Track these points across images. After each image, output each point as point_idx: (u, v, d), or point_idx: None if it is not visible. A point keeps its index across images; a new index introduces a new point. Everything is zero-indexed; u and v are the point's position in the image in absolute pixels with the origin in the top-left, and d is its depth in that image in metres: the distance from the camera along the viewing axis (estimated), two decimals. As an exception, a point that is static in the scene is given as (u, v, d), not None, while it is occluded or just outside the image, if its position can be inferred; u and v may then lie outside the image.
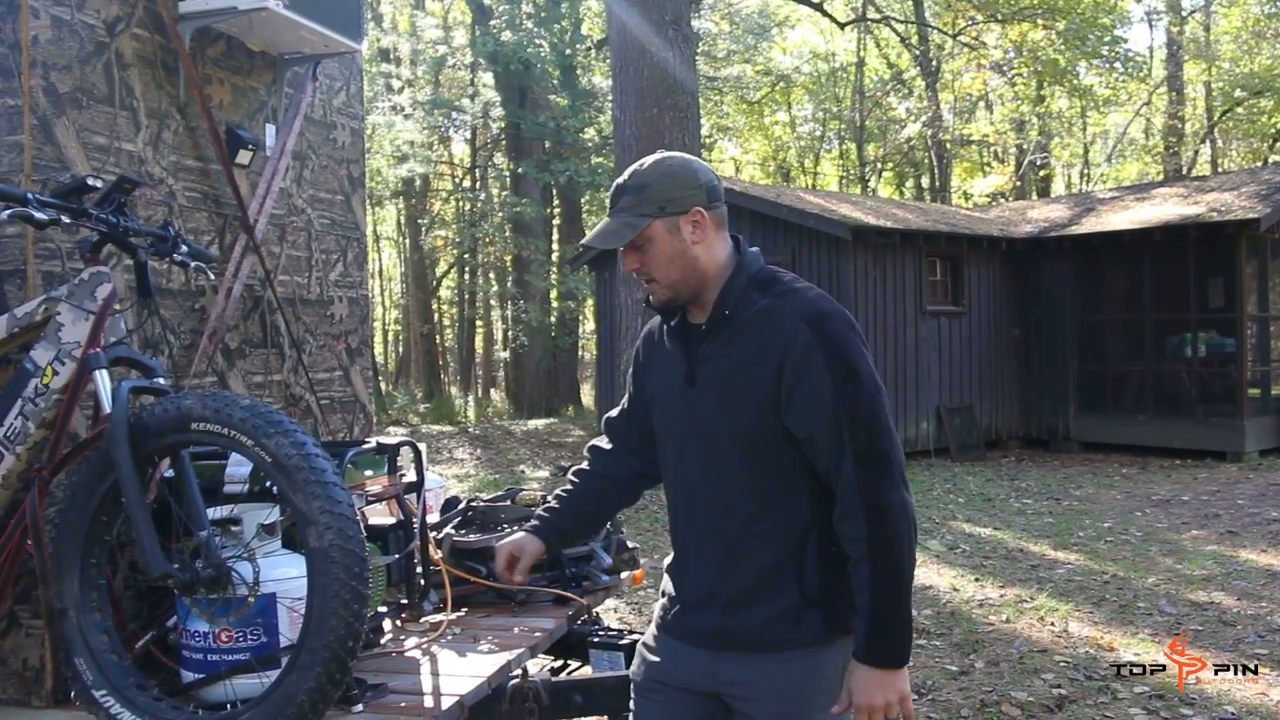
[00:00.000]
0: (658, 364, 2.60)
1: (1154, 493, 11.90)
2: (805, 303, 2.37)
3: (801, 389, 2.30)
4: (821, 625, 2.36)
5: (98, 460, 2.74)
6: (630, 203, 2.41)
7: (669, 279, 2.43)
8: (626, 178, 2.45)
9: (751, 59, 29.89)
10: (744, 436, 2.38)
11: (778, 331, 2.34)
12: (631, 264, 2.46)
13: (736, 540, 2.41)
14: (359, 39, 4.19)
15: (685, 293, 2.45)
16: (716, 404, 2.40)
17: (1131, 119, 30.62)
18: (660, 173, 2.43)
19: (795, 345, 2.30)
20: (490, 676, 3.05)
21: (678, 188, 2.41)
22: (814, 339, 2.30)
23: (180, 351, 3.57)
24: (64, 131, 3.16)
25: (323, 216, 4.46)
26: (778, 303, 2.38)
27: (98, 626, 2.77)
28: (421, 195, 30.32)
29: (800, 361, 2.29)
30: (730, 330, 2.40)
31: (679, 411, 2.50)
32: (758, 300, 2.40)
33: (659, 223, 2.40)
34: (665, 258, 2.41)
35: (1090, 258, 15.90)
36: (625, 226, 2.41)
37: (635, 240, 2.41)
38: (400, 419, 23.86)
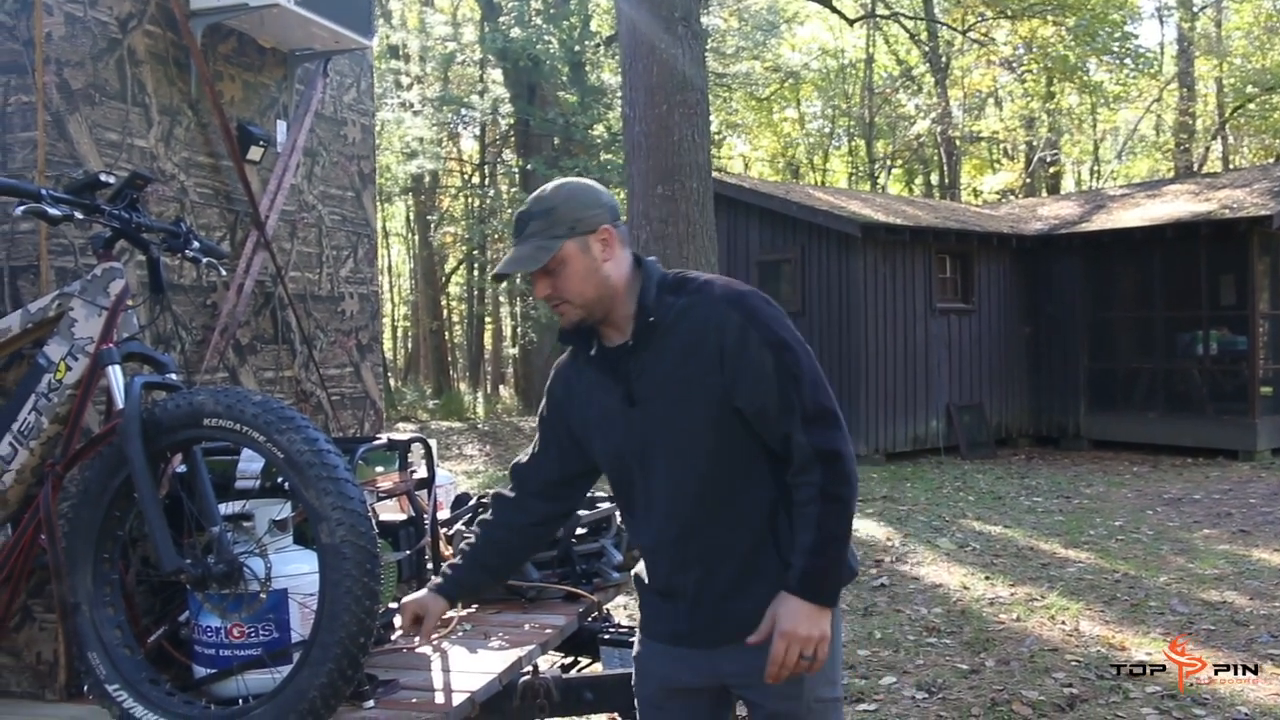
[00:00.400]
0: (582, 399, 2.59)
1: (1165, 491, 11.87)
2: (723, 289, 2.44)
3: (745, 368, 2.36)
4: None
5: (110, 455, 2.75)
6: (540, 227, 2.42)
7: (583, 298, 2.45)
8: (530, 205, 2.47)
9: (760, 55, 29.85)
10: (702, 430, 2.42)
11: (708, 322, 2.39)
12: (544, 289, 2.46)
13: (714, 533, 2.46)
14: (369, 35, 4.19)
15: (598, 312, 2.47)
16: (666, 410, 2.44)
17: (1142, 115, 30.51)
18: (565, 195, 2.46)
19: (729, 329, 2.37)
20: (501, 673, 3.05)
21: (584, 207, 2.44)
22: (744, 319, 2.37)
23: (192, 347, 3.58)
24: (77, 128, 3.17)
25: (333, 213, 4.46)
26: (696, 298, 2.44)
27: (110, 621, 2.78)
28: (431, 191, 30.34)
29: (738, 343, 2.36)
30: (658, 337, 2.44)
31: (624, 432, 2.51)
32: (674, 302, 2.45)
33: (571, 243, 2.41)
34: (579, 277, 2.43)
35: (1101, 255, 15.86)
36: (539, 250, 2.41)
37: (548, 264, 2.41)
38: (409, 415, 23.89)
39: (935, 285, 15.47)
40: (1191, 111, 29.16)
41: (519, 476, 2.77)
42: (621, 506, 2.68)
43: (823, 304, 14.87)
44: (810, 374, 2.37)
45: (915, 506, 11.23)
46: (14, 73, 3.12)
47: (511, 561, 2.83)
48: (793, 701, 2.45)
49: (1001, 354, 16.33)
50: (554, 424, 2.68)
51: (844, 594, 2.54)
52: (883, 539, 9.54)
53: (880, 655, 6.12)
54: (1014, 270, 16.53)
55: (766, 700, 2.49)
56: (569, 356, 2.65)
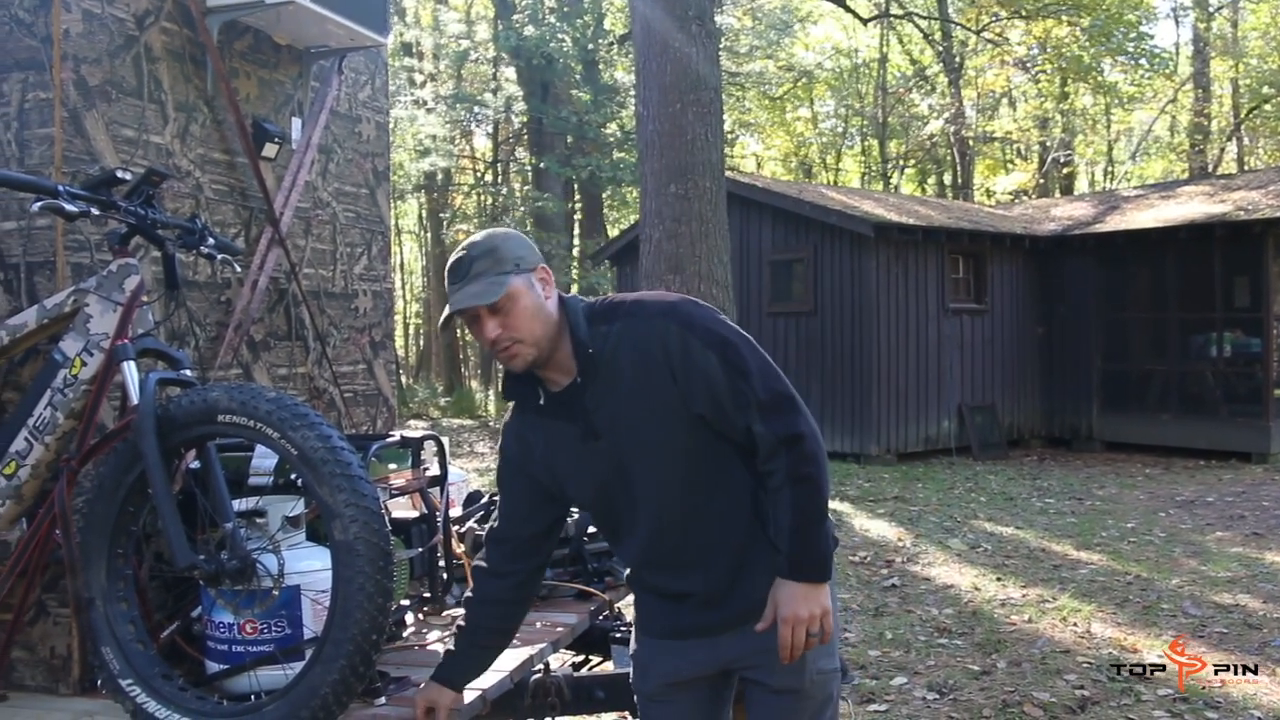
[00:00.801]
0: (542, 449, 2.58)
1: (1178, 493, 11.83)
2: (654, 305, 2.47)
3: (694, 374, 2.40)
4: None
5: (125, 451, 2.76)
6: (485, 266, 2.40)
7: (533, 335, 2.43)
8: (468, 249, 2.45)
9: (774, 55, 29.81)
10: (673, 443, 2.46)
11: (650, 339, 2.42)
12: (493, 330, 2.41)
13: (706, 534, 2.52)
14: (384, 32, 4.20)
15: (546, 348, 2.46)
16: (633, 434, 2.46)
17: (1157, 116, 30.40)
18: (501, 237, 2.47)
19: (670, 342, 2.40)
20: (512, 671, 3.05)
21: (521, 248, 2.47)
22: (681, 328, 2.40)
23: (206, 344, 3.59)
24: (93, 124, 3.18)
25: (347, 210, 4.47)
26: (629, 320, 2.46)
27: (124, 616, 2.78)
28: (443, 189, 30.36)
29: (682, 352, 2.39)
30: (603, 368, 2.45)
31: (595, 468, 2.52)
32: (609, 330, 2.47)
33: (518, 279, 2.41)
34: (529, 313, 2.42)
35: (1114, 256, 15.81)
36: (491, 285, 2.38)
37: (498, 302, 2.38)
38: (421, 412, 23.93)
39: (948, 285, 15.44)
40: (1207, 112, 29.04)
41: (498, 543, 2.71)
42: (608, 535, 2.71)
43: (835, 304, 14.84)
44: (757, 364, 2.41)
45: (927, 507, 11.22)
46: (31, 69, 3.13)
47: (509, 632, 2.78)
48: (795, 675, 2.51)
49: (1014, 355, 16.29)
50: (517, 481, 2.66)
51: (854, 594, 2.56)
52: (894, 539, 9.53)
53: (891, 656, 6.11)
54: (1027, 271, 16.49)
55: (770, 678, 2.54)
56: (515, 412, 2.63)
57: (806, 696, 2.54)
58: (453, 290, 2.42)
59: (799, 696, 2.54)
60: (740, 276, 14.72)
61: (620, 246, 18.06)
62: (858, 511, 10.99)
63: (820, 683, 2.56)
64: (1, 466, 2.94)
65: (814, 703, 2.57)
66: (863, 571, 8.26)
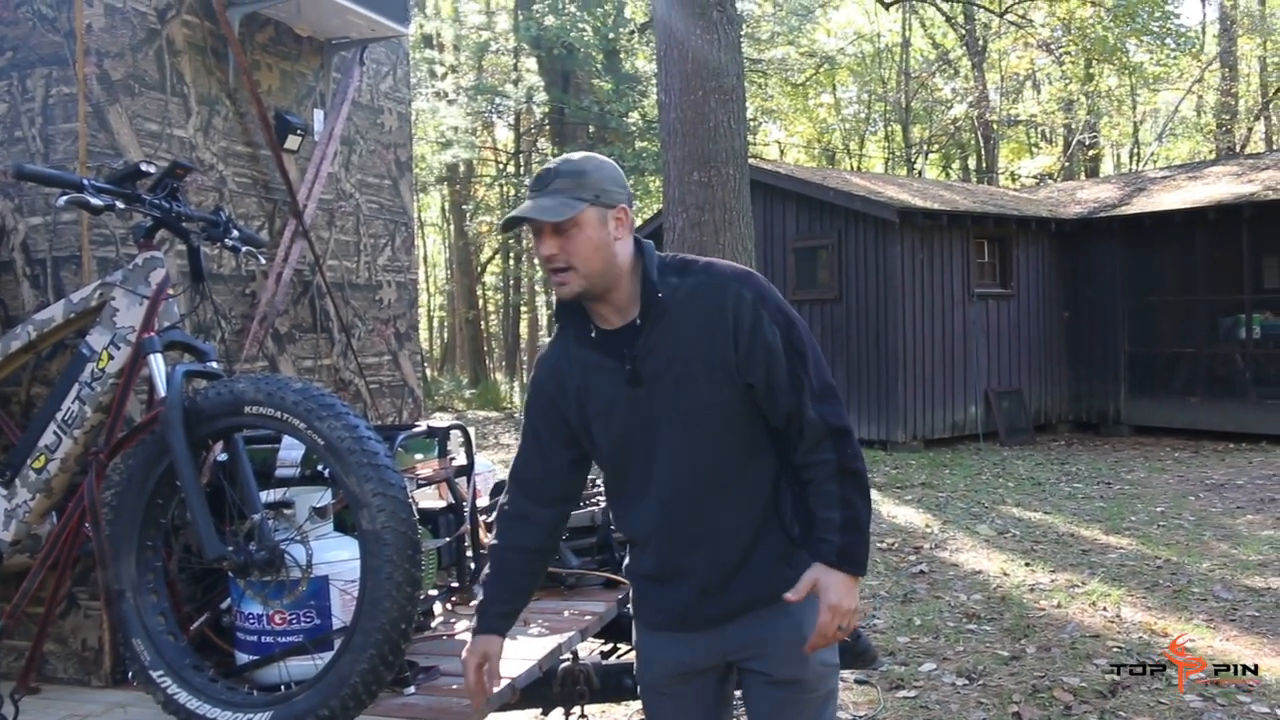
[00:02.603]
0: (578, 386, 2.52)
1: (1207, 477, 11.74)
2: (730, 270, 2.47)
3: (758, 345, 2.38)
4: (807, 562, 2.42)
5: (153, 443, 2.77)
6: (565, 185, 2.38)
7: (589, 269, 2.40)
8: (558, 164, 2.44)
9: (796, 41, 29.68)
10: (711, 407, 2.42)
11: (723, 300, 2.40)
12: (550, 248, 2.40)
13: (719, 512, 2.47)
14: (406, 23, 4.20)
15: (599, 286, 2.43)
16: (675, 388, 2.41)
17: (1183, 96, 30.09)
18: (595, 165, 2.45)
19: (743, 308, 2.39)
20: (541, 659, 3.05)
21: (610, 182, 2.43)
22: (755, 297, 2.40)
23: (232, 336, 3.60)
24: (117, 118, 3.19)
25: (371, 201, 4.47)
26: (704, 278, 2.45)
27: (154, 608, 2.80)
28: (465, 181, 30.42)
29: (752, 321, 2.38)
30: (667, 316, 2.41)
31: (628, 414, 2.47)
32: (679, 283, 2.44)
33: (592, 210, 2.38)
34: (591, 246, 2.39)
35: (1141, 238, 15.68)
36: (562, 205, 2.36)
37: (563, 224, 2.37)
38: (446, 405, 23.99)
39: (973, 270, 15.36)
40: (1234, 92, 28.75)
41: (520, 483, 2.64)
42: (613, 493, 2.63)
43: (860, 290, 14.79)
44: (814, 352, 2.43)
45: (954, 493, 11.17)
46: (55, 64, 3.15)
47: (537, 575, 2.73)
48: (800, 666, 2.48)
49: (1040, 339, 16.19)
50: (546, 415, 2.59)
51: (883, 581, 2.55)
52: (921, 525, 9.50)
53: (920, 642, 6.09)
54: (1053, 254, 16.38)
55: (774, 668, 2.50)
56: (556, 344, 2.59)
57: (809, 689, 2.51)
58: (529, 197, 2.43)
59: (802, 688, 2.50)
60: (764, 263, 14.68)
61: (644, 235, 18.03)
62: (885, 498, 10.95)
63: (824, 675, 2.53)
64: (31, 460, 2.96)
65: (816, 696, 2.53)
66: (891, 558, 8.24)
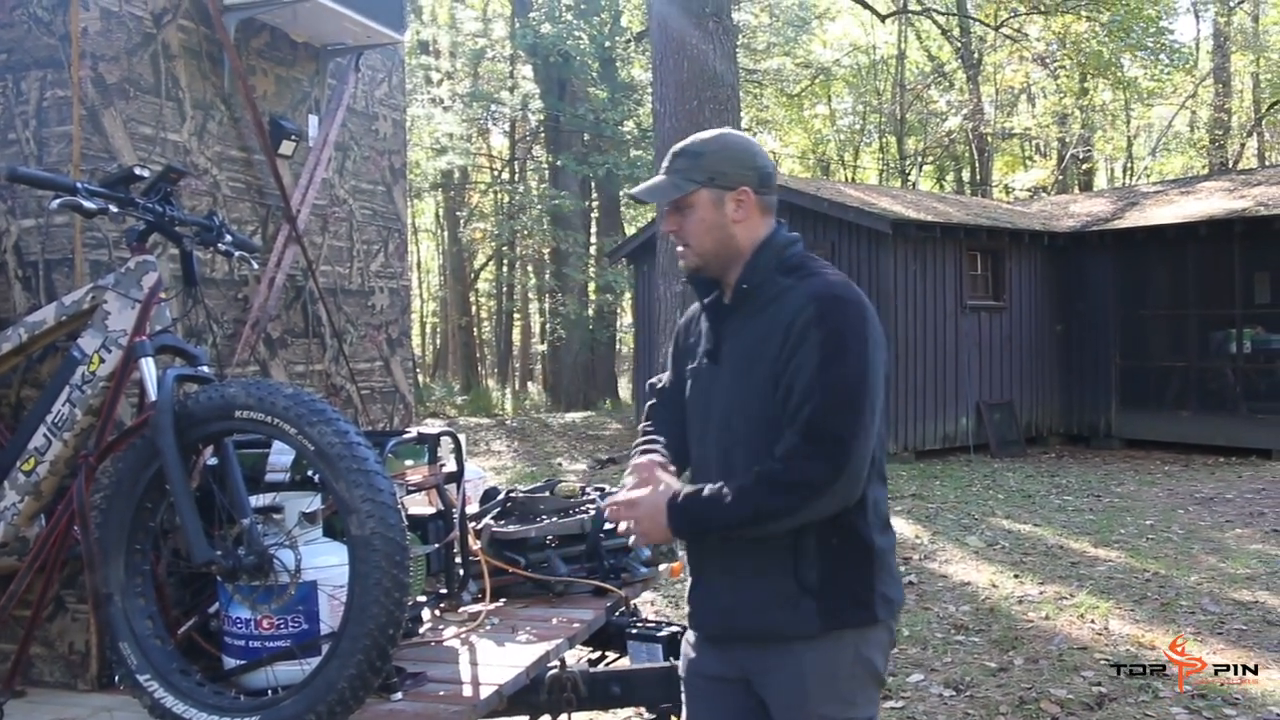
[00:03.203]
0: (693, 344, 2.64)
1: (1197, 490, 11.77)
2: (822, 284, 2.41)
3: (793, 363, 2.33)
4: (816, 615, 2.38)
5: (143, 447, 2.77)
6: (683, 165, 2.48)
7: (701, 248, 2.50)
8: (686, 143, 2.52)
9: (791, 51, 29.76)
10: (754, 418, 2.42)
11: (788, 311, 2.38)
12: (670, 225, 2.54)
13: None
14: (401, 30, 4.21)
15: (714, 266, 2.51)
16: (732, 383, 2.47)
17: (1176, 111, 30.19)
18: (719, 145, 2.49)
19: (797, 322, 2.35)
20: (529, 666, 3.05)
21: (731, 164, 2.47)
22: (814, 316, 2.33)
23: (223, 340, 3.60)
24: (111, 122, 3.20)
25: (364, 207, 4.48)
26: (798, 284, 2.43)
27: (142, 612, 2.80)
28: (460, 187, 30.43)
29: (799, 337, 2.33)
30: (751, 308, 2.46)
31: (703, 388, 2.56)
32: (782, 282, 2.45)
33: (705, 192, 2.46)
34: (703, 227, 2.48)
35: (1133, 252, 15.72)
36: (672, 186, 2.47)
37: (679, 202, 2.48)
38: (438, 411, 23.97)
39: (966, 282, 15.38)
40: (1227, 107, 28.85)
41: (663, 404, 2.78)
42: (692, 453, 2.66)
43: (852, 300, 14.78)
44: (844, 396, 2.28)
45: (944, 504, 11.18)
46: (50, 67, 3.15)
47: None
48: (795, 712, 2.44)
49: (1032, 352, 16.22)
50: (675, 366, 2.75)
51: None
52: (911, 536, 9.51)
53: (908, 653, 6.10)
54: (1045, 267, 16.42)
55: (770, 702, 2.48)
56: (697, 304, 2.68)
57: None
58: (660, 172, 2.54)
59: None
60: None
61: (638, 244, 18.04)
62: (875, 509, 10.95)
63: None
64: (20, 463, 2.96)
65: None
66: (880, 569, 8.24)
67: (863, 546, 2.42)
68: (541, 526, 3.79)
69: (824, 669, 2.40)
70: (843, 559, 2.39)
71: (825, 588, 2.38)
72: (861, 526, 2.41)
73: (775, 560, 2.40)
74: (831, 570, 2.38)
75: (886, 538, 2.49)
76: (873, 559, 2.43)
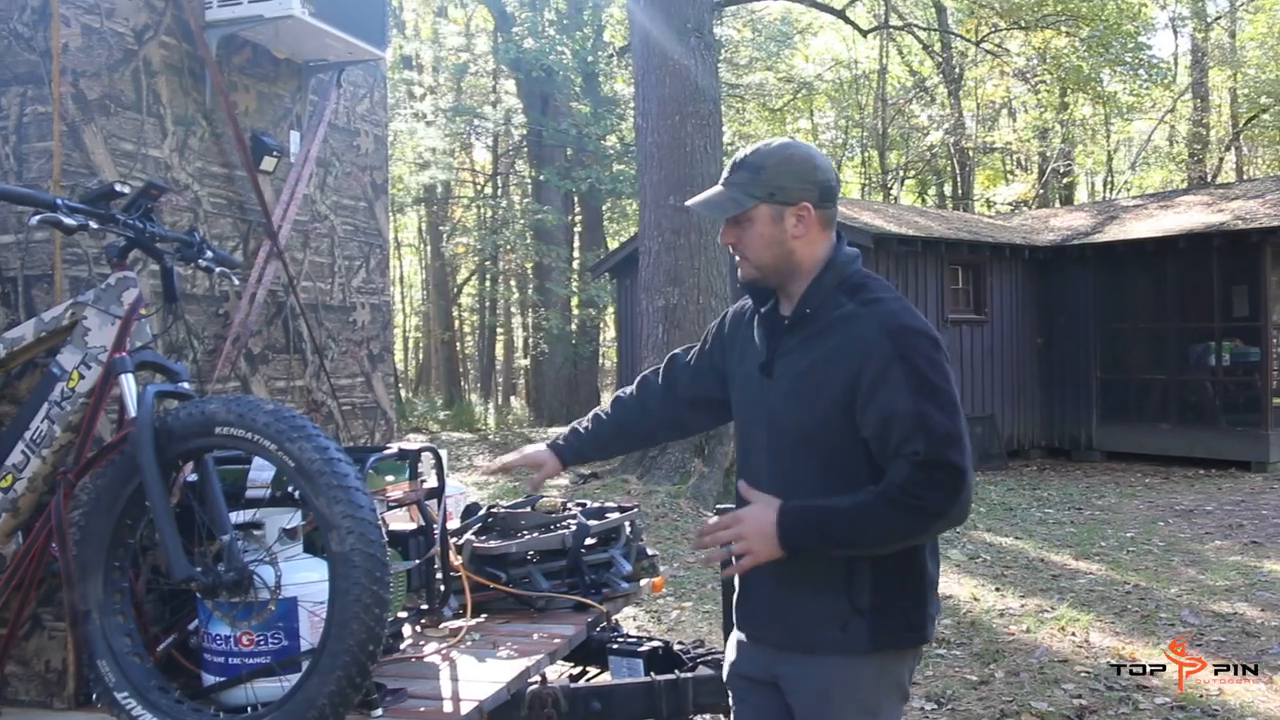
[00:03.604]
0: (740, 345, 2.67)
1: (1177, 503, 11.83)
2: (888, 314, 2.40)
3: (878, 401, 2.32)
4: (867, 636, 2.41)
5: (122, 464, 2.76)
6: (743, 179, 2.47)
7: (759, 262, 2.50)
8: (747, 153, 2.51)
9: (774, 66, 29.87)
10: (811, 437, 2.43)
11: (858, 340, 2.38)
12: (728, 237, 2.53)
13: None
14: (383, 46, 4.21)
15: (772, 279, 2.52)
16: (788, 400, 2.47)
17: (1155, 126, 30.41)
18: (780, 159, 2.47)
19: (874, 357, 2.34)
20: (509, 682, 3.05)
21: (792, 178, 2.45)
22: (894, 353, 2.33)
23: (204, 356, 3.60)
24: (92, 138, 3.19)
25: (346, 223, 4.48)
26: (862, 310, 2.42)
27: (120, 629, 2.79)
28: (443, 202, 30.41)
29: (879, 375, 2.33)
30: (811, 329, 2.46)
31: (754, 400, 2.57)
32: (844, 304, 2.45)
33: (764, 207, 2.45)
34: (762, 241, 2.47)
35: (1113, 266, 15.83)
36: (731, 200, 2.47)
37: (737, 216, 2.48)
38: (420, 426, 23.90)
39: (947, 296, 15.46)
40: (1205, 122, 29.08)
41: (673, 368, 2.89)
42: (739, 461, 2.72)
43: (834, 314, 14.84)
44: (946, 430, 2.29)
45: (926, 518, 11.19)
46: (31, 83, 3.14)
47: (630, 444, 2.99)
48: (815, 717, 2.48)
49: (1014, 365, 16.29)
50: (712, 350, 2.80)
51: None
52: (893, 550, 9.51)
53: (890, 667, 6.10)
54: (1026, 281, 16.50)
55: (795, 707, 2.51)
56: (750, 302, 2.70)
57: None
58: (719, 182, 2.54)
59: None
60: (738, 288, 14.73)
61: (620, 259, 18.07)
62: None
63: None
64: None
65: None
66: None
67: (919, 572, 2.47)
68: (523, 542, 3.78)
69: (851, 684, 2.44)
70: (899, 584, 2.43)
71: (877, 609, 2.41)
72: (919, 554, 2.46)
73: (829, 580, 2.43)
74: (885, 593, 2.42)
75: (936, 561, 2.54)
76: (925, 584, 2.49)
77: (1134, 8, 22.65)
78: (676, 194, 11.67)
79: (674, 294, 11.79)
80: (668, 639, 4.03)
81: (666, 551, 9.01)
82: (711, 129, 12.15)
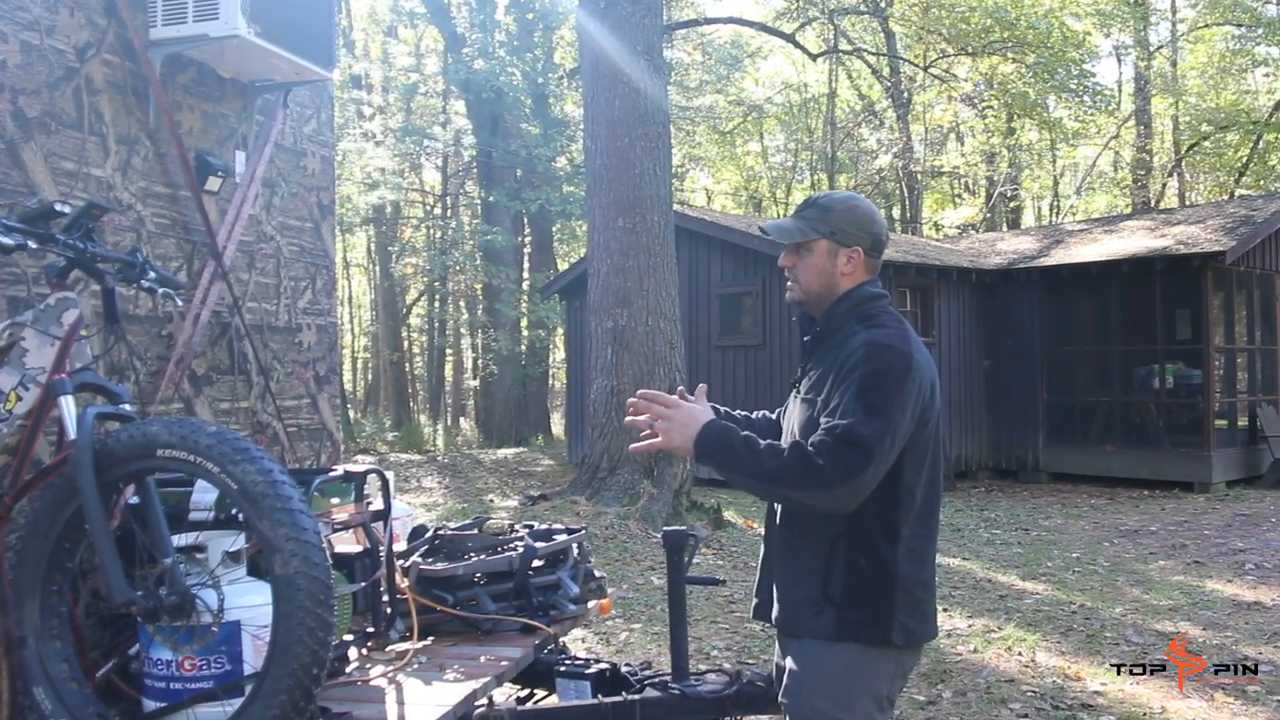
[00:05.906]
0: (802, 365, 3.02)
1: (1122, 523, 11.97)
2: (878, 332, 2.76)
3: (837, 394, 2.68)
4: (834, 624, 2.72)
5: (61, 486, 2.72)
6: (813, 215, 2.88)
7: (808, 287, 2.90)
8: (820, 195, 2.94)
9: (724, 89, 30.07)
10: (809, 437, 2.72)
11: (844, 353, 2.73)
12: (787, 260, 2.92)
13: (787, 531, 2.86)
14: (330, 67, 4.20)
15: (814, 305, 2.91)
16: (800, 408, 2.85)
17: (1100, 152, 30.93)
18: (847, 206, 2.89)
19: (847, 363, 2.70)
20: (456, 705, 3.03)
21: (853, 224, 2.87)
22: (864, 356, 2.68)
23: (147, 378, 3.56)
24: (31, 156, 3.16)
25: (292, 244, 4.45)
26: (862, 331, 2.77)
27: (58, 654, 2.75)
28: (392, 222, 30.27)
29: (844, 375, 2.68)
30: (825, 348, 2.85)
31: (787, 412, 3.00)
32: (853, 329, 2.79)
33: (824, 242, 2.86)
34: (814, 270, 2.88)
35: (1059, 289, 16.03)
36: (798, 230, 2.87)
37: (800, 245, 2.88)
38: (369, 447, 23.73)
39: (895, 318, 15.56)
40: (1149, 148, 29.58)
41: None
42: None
43: (784, 337, 14.92)
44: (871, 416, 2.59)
45: (875, 538, 11.24)
46: (-31, 101, 3.10)
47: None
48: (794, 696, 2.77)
49: (961, 387, 16.43)
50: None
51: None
52: (842, 571, 9.55)
53: (839, 687, 6.12)
54: (974, 304, 16.67)
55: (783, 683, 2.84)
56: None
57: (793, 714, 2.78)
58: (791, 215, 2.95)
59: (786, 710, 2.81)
60: (689, 309, 14.77)
61: (569, 280, 18.07)
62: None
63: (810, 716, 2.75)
64: (-66, 503, 2.89)
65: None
66: (811, 603, 8.27)
67: (886, 573, 2.73)
68: (469, 564, 3.76)
69: (822, 669, 2.73)
70: (866, 581, 2.71)
71: (846, 601, 2.71)
72: (889, 556, 2.73)
73: (811, 572, 2.77)
74: (855, 588, 2.72)
75: (915, 570, 2.77)
76: (894, 586, 2.73)
77: (1079, 36, 23.04)
78: (625, 216, 11.70)
79: (623, 315, 11.80)
80: (615, 661, 4.02)
81: (615, 573, 8.99)
82: (661, 151, 12.19)
